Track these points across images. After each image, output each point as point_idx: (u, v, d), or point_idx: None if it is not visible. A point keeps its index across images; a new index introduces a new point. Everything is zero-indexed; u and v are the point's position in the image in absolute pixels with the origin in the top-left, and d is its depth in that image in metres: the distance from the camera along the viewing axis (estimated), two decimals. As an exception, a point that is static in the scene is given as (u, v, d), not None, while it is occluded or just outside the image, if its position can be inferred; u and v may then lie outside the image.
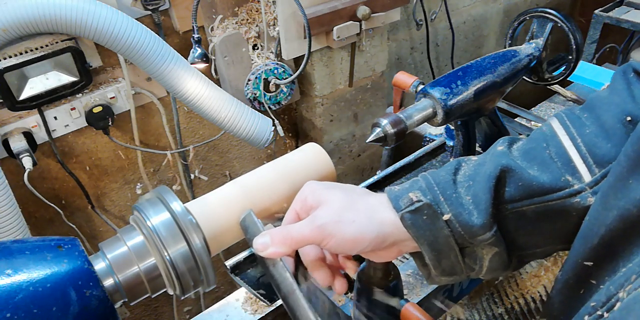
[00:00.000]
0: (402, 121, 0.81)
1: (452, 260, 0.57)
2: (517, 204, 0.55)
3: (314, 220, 0.55)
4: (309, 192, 0.59)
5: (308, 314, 0.55)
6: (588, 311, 0.46)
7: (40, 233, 1.56)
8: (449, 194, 0.56)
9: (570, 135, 0.56)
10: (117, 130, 1.55)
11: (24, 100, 1.27)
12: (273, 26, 1.55)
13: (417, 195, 0.56)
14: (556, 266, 1.30)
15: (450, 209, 0.55)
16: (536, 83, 1.05)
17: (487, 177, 0.55)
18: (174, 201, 0.57)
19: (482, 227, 0.54)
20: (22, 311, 0.47)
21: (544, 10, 0.97)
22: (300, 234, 0.55)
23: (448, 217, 0.55)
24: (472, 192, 0.55)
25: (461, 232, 0.55)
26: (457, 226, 0.55)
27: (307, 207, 0.58)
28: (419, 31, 2.08)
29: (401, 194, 0.57)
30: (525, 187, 0.55)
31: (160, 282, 0.57)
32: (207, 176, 1.83)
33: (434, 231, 0.55)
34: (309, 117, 1.87)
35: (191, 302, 2.01)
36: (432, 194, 0.56)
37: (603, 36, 2.31)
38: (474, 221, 0.54)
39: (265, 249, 0.55)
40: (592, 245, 0.49)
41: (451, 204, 0.55)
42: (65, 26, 1.16)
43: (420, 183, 0.58)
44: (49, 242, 0.53)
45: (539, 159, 0.56)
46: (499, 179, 0.55)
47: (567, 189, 0.54)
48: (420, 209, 0.55)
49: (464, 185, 0.56)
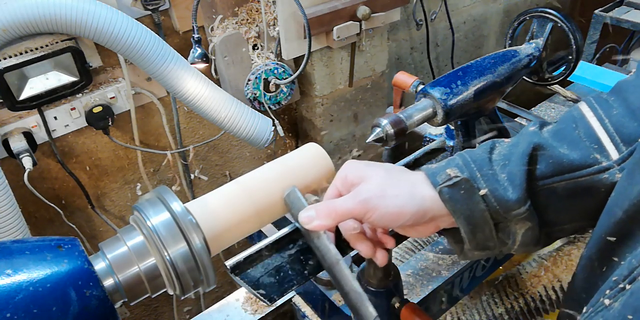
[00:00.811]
0: (402, 121, 0.81)
1: (487, 235, 0.59)
2: (548, 181, 0.58)
3: (357, 194, 0.58)
4: (349, 170, 0.62)
5: (352, 282, 0.59)
6: (610, 286, 0.48)
7: (40, 233, 1.56)
8: (485, 171, 0.59)
9: (598, 117, 0.58)
10: (117, 130, 1.55)
11: (24, 100, 1.27)
12: (273, 26, 1.55)
13: (454, 171, 0.59)
14: (556, 266, 1.30)
15: (486, 185, 0.58)
16: (536, 83, 1.05)
17: (521, 154, 0.58)
18: (174, 201, 0.57)
19: (516, 201, 0.57)
20: (22, 311, 0.47)
21: (544, 10, 0.97)
22: (345, 208, 0.58)
23: (484, 192, 0.58)
24: (507, 170, 0.58)
25: (496, 207, 0.57)
26: (492, 201, 0.57)
27: (348, 184, 0.61)
28: (419, 31, 2.08)
29: (438, 171, 0.60)
30: (556, 164, 0.58)
31: (160, 282, 0.57)
32: (207, 176, 1.83)
33: (471, 205, 0.58)
34: (309, 117, 1.87)
35: (191, 302, 2.01)
36: (469, 171, 0.59)
37: (603, 36, 2.31)
38: (509, 196, 0.57)
39: (311, 222, 0.59)
40: (615, 220, 0.51)
41: (487, 179, 0.58)
42: (65, 26, 1.16)
43: (457, 161, 0.61)
44: (49, 242, 0.53)
45: (569, 139, 0.59)
46: (531, 157, 0.58)
47: (596, 166, 0.56)
48: (458, 183, 0.58)
49: (499, 164, 0.59)
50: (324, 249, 0.61)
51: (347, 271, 0.59)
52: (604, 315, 0.46)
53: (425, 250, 1.04)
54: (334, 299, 0.98)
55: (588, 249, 0.57)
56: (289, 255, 0.67)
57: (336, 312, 0.94)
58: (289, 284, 0.65)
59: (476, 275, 1.06)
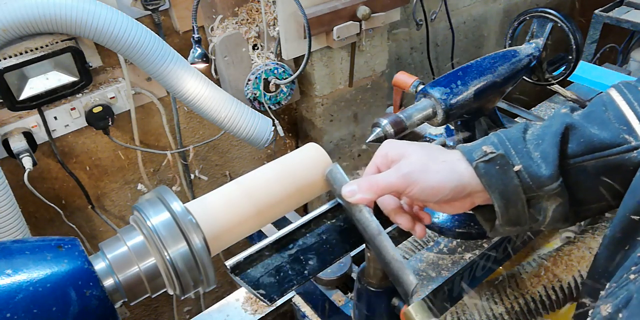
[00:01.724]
0: (402, 121, 0.81)
1: (519, 210, 0.62)
2: (579, 159, 0.61)
3: (399, 169, 0.62)
4: (389, 148, 0.65)
5: (394, 252, 0.62)
6: (634, 262, 0.50)
7: (40, 233, 1.56)
8: (519, 148, 0.62)
9: (628, 101, 0.61)
10: (117, 130, 1.55)
11: (24, 100, 1.27)
12: (273, 26, 1.55)
13: (490, 148, 0.62)
14: (556, 266, 1.30)
15: (520, 161, 0.61)
16: (536, 83, 1.05)
17: (554, 133, 0.61)
18: (174, 201, 0.57)
19: (549, 177, 0.59)
20: (22, 311, 0.47)
21: (544, 10, 0.97)
22: (387, 181, 0.61)
23: (518, 168, 0.60)
24: (541, 148, 0.61)
25: (530, 183, 0.60)
26: (526, 177, 0.60)
27: (388, 161, 0.65)
28: (419, 31, 2.08)
29: (474, 148, 0.63)
30: (586, 143, 0.60)
31: (160, 282, 0.57)
32: (207, 176, 1.83)
33: (505, 180, 0.61)
34: (309, 117, 1.87)
35: (191, 302, 2.01)
36: (504, 148, 0.62)
37: (603, 36, 2.31)
38: (542, 172, 0.60)
39: (353, 196, 0.62)
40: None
41: (522, 156, 0.61)
42: (65, 26, 1.16)
43: (492, 139, 0.64)
44: (49, 242, 0.53)
45: (599, 120, 0.62)
46: (563, 136, 0.61)
47: (625, 145, 0.59)
48: (494, 159, 0.61)
49: (532, 143, 0.62)
50: (365, 222, 0.63)
51: (388, 242, 0.62)
52: (629, 288, 0.48)
53: (425, 250, 1.04)
54: (334, 299, 0.98)
55: (612, 229, 0.58)
56: (289, 255, 0.67)
57: (336, 312, 0.95)
58: (289, 284, 0.65)
59: (476, 275, 1.06)
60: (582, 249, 1.33)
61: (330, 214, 0.71)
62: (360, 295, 0.80)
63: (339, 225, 0.70)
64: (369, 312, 0.81)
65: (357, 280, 0.80)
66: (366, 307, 0.81)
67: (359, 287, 0.80)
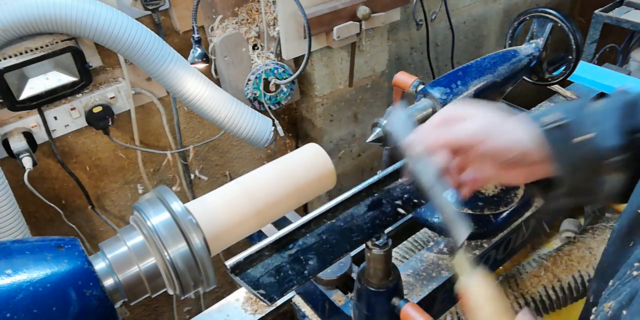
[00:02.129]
0: (402, 121, 0.81)
1: (580, 180, 0.61)
2: None
3: (473, 123, 0.61)
4: (454, 108, 0.64)
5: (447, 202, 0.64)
6: (637, 258, 0.49)
7: (40, 233, 1.56)
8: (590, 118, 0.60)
9: None
10: (117, 130, 1.55)
11: (24, 100, 1.27)
12: (273, 26, 1.55)
13: (558, 115, 0.61)
14: (556, 266, 1.30)
15: (588, 131, 0.59)
16: (536, 83, 1.05)
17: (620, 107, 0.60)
18: (174, 201, 0.57)
19: (615, 150, 0.58)
20: (22, 311, 0.47)
21: (544, 10, 0.97)
22: (457, 135, 0.61)
23: (586, 137, 0.59)
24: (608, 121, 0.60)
25: (594, 153, 0.59)
26: (592, 146, 0.59)
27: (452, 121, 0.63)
28: (419, 31, 2.08)
29: (541, 115, 0.62)
30: None
31: (160, 282, 0.57)
32: (207, 176, 1.83)
33: (569, 149, 0.59)
34: (309, 117, 1.87)
35: (191, 302, 2.01)
36: (575, 115, 0.61)
37: (603, 36, 2.30)
38: (607, 143, 0.58)
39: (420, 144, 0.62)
40: None
41: (589, 126, 0.60)
42: (65, 26, 1.16)
43: (559, 108, 0.63)
44: (49, 242, 0.53)
45: None
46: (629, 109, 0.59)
47: None
48: (561, 126, 0.60)
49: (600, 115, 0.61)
50: (422, 171, 0.64)
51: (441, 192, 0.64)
52: (632, 285, 0.47)
53: (425, 250, 1.04)
54: (333, 299, 0.98)
55: (620, 223, 0.58)
56: (289, 255, 0.67)
57: (336, 312, 0.95)
58: (289, 284, 0.65)
59: (476, 275, 1.06)
60: (582, 249, 1.33)
61: (330, 214, 0.71)
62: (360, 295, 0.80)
63: (339, 225, 0.70)
64: (369, 312, 0.81)
65: (357, 280, 0.80)
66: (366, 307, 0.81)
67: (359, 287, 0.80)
